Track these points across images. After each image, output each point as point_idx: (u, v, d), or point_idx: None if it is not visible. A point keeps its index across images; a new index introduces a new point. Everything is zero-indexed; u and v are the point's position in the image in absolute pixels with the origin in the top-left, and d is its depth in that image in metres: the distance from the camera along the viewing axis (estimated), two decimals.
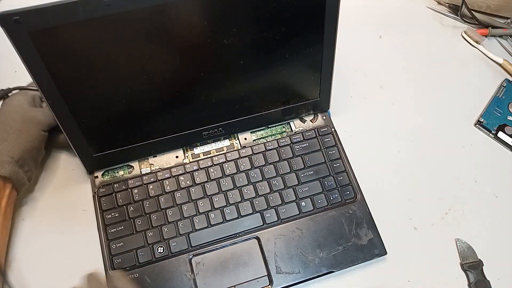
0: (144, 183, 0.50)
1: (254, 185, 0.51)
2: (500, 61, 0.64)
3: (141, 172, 0.51)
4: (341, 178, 0.52)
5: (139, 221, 0.48)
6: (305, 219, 0.49)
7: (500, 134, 0.57)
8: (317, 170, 0.52)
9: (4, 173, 0.44)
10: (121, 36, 0.39)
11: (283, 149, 0.53)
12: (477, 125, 0.58)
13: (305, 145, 0.54)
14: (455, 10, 0.68)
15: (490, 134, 0.58)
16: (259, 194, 0.50)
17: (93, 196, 0.50)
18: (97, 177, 0.51)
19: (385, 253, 0.48)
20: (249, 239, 0.48)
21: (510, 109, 0.60)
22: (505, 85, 0.62)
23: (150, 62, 0.43)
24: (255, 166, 0.52)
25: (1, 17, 0.35)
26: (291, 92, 0.52)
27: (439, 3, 0.70)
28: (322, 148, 0.53)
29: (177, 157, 0.52)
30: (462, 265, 0.49)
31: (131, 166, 0.52)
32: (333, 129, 0.55)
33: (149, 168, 0.51)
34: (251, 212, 0.49)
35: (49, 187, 0.52)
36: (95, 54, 0.40)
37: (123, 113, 0.46)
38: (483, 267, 0.48)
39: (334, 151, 0.53)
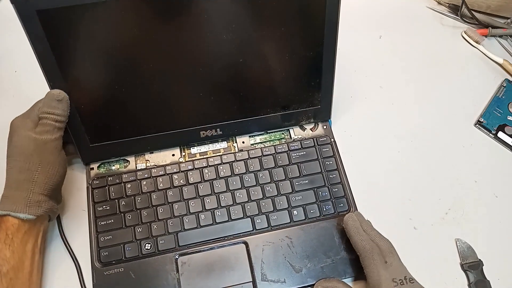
0: (138, 178, 0.50)
1: (247, 189, 0.50)
2: (500, 61, 0.63)
3: (136, 167, 0.51)
4: (336, 189, 0.51)
5: (129, 216, 0.48)
6: (295, 228, 0.49)
7: (500, 134, 0.57)
8: (313, 179, 0.51)
9: (42, 212, 0.43)
10: (125, 23, 0.40)
11: (279, 156, 0.53)
12: (477, 125, 0.58)
13: (302, 153, 0.53)
14: (455, 10, 0.68)
15: (490, 134, 0.57)
16: (251, 199, 0.50)
17: (87, 188, 0.50)
18: (92, 168, 0.51)
19: None
20: (237, 243, 0.48)
21: (510, 109, 0.59)
22: (505, 85, 0.61)
23: (152, 54, 0.43)
24: (249, 170, 0.51)
25: None
26: (291, 96, 0.51)
27: (439, 3, 0.69)
28: (319, 157, 0.53)
29: (173, 155, 0.52)
30: (462, 265, 0.48)
31: (127, 161, 0.52)
32: (332, 140, 0.54)
33: (144, 164, 0.52)
34: (242, 216, 0.49)
35: None
36: (99, 39, 0.41)
37: (123, 103, 0.47)
38: (483, 267, 0.48)
39: (331, 162, 0.53)
